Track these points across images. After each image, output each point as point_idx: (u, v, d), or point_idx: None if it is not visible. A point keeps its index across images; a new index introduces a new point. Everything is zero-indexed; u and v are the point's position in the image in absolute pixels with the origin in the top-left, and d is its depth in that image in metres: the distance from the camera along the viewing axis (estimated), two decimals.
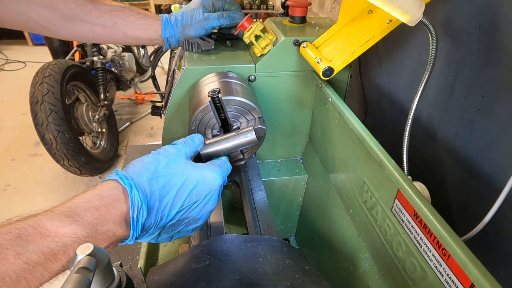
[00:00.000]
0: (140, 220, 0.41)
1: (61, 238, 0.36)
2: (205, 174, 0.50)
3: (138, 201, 0.41)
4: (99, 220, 0.39)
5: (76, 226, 0.37)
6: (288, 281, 0.47)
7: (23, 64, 4.10)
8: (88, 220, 0.38)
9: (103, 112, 2.32)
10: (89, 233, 0.38)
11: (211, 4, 0.80)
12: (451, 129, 0.72)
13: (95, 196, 0.41)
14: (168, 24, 0.79)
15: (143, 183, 0.43)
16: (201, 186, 0.48)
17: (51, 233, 0.36)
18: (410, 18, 0.56)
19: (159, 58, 1.13)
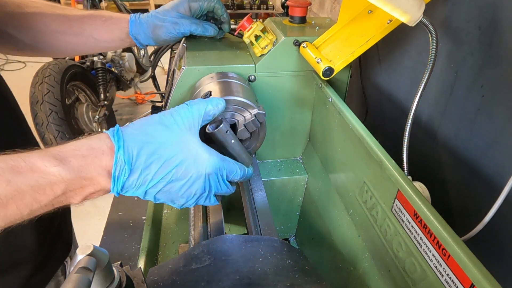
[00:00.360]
0: (121, 179, 0.43)
1: (48, 176, 0.40)
2: (198, 156, 0.48)
3: (122, 161, 0.43)
4: (84, 168, 0.42)
5: (61, 169, 0.40)
6: (288, 281, 0.47)
7: (23, 64, 4.10)
8: (74, 166, 0.41)
9: (103, 112, 2.33)
10: (74, 177, 0.41)
11: (187, 8, 0.78)
12: (451, 129, 0.72)
13: (85, 145, 0.43)
14: (135, 22, 0.78)
15: (132, 146, 0.44)
16: (189, 165, 0.47)
17: (40, 169, 0.39)
18: (410, 18, 0.56)
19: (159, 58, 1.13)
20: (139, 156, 0.44)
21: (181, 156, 0.47)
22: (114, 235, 1.99)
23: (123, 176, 0.43)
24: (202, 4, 0.79)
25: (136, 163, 0.44)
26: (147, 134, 0.46)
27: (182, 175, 0.47)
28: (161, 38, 0.79)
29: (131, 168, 0.44)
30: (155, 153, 0.45)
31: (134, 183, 0.45)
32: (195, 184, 0.48)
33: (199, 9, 0.79)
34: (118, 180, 0.43)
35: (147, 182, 0.45)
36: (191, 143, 0.48)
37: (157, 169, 0.45)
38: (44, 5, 0.73)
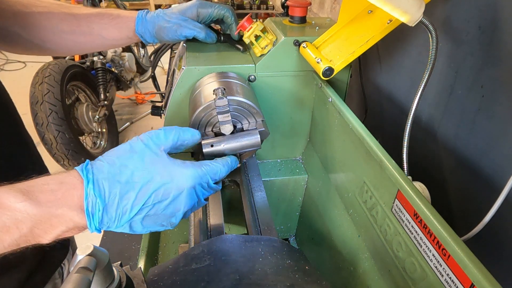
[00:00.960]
0: (97, 214, 0.41)
1: (13, 213, 0.37)
2: (175, 172, 0.47)
3: (92, 195, 0.41)
4: (53, 203, 0.39)
5: (28, 204, 0.38)
6: (288, 281, 0.47)
7: (23, 64, 4.10)
8: (41, 201, 0.39)
9: (103, 112, 2.32)
10: (42, 213, 0.38)
11: (195, 13, 0.79)
12: (451, 129, 0.72)
13: (55, 180, 0.41)
14: (142, 21, 0.78)
15: (102, 179, 0.42)
16: (167, 184, 0.45)
17: (5, 206, 0.37)
18: (410, 18, 0.56)
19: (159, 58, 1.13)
20: (112, 187, 0.42)
21: (158, 178, 0.45)
22: (114, 235, 1.98)
23: (97, 210, 0.41)
24: (212, 11, 0.80)
25: (110, 196, 0.42)
26: (117, 164, 0.44)
27: (163, 196, 0.45)
28: (164, 39, 0.80)
29: (105, 202, 0.42)
30: (129, 181, 0.43)
31: (113, 216, 0.42)
32: (179, 201, 0.47)
33: (208, 15, 0.80)
34: (94, 216, 0.41)
35: (128, 211, 0.43)
36: (164, 163, 0.47)
37: (135, 197, 0.43)
38: (52, 4, 0.73)
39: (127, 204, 0.43)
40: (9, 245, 0.38)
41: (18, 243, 0.38)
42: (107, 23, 0.77)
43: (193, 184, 0.47)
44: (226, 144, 0.63)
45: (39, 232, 0.39)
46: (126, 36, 0.80)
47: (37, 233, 0.39)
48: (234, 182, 0.80)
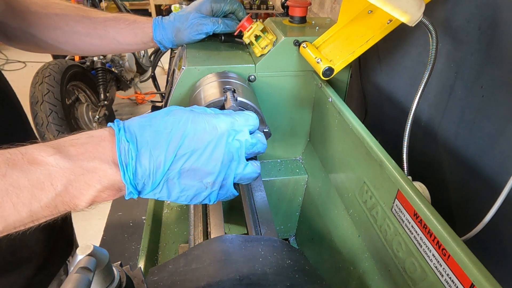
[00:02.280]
0: (130, 163, 0.39)
1: (46, 167, 0.36)
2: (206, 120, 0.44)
3: (124, 141, 0.39)
4: (85, 156, 0.38)
5: (59, 157, 0.37)
6: (288, 281, 0.47)
7: (23, 64, 4.10)
8: (72, 153, 0.38)
9: (103, 112, 2.33)
10: (74, 166, 0.37)
11: (209, 9, 0.80)
12: (451, 129, 0.72)
13: (85, 135, 0.40)
14: (159, 27, 0.79)
15: (133, 126, 0.41)
16: (199, 131, 0.43)
17: (37, 161, 0.36)
18: (410, 18, 0.56)
19: (159, 58, 1.13)
20: (143, 134, 0.41)
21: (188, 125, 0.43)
22: (114, 235, 1.99)
23: (130, 159, 0.39)
24: (224, 6, 0.80)
25: (142, 142, 0.40)
26: (148, 116, 0.43)
27: (197, 145, 0.42)
28: (184, 41, 0.81)
29: (137, 149, 0.39)
30: (160, 129, 0.41)
31: (147, 167, 0.40)
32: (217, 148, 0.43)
33: (220, 10, 0.81)
34: (128, 166, 0.39)
35: (162, 162, 0.40)
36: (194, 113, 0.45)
37: (168, 144, 0.41)
38: (68, 6, 0.74)
39: (160, 153, 0.40)
40: (46, 205, 0.36)
41: (56, 204, 0.37)
42: (123, 27, 0.78)
43: (226, 128, 0.44)
44: None
45: (74, 191, 0.37)
46: (141, 42, 0.81)
47: (72, 193, 0.37)
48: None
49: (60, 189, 0.37)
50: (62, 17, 0.73)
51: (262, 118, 0.66)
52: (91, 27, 0.76)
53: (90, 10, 0.77)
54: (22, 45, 0.73)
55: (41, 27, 0.71)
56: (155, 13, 4.74)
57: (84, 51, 0.81)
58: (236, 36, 0.87)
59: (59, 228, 0.72)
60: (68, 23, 0.73)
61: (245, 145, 0.45)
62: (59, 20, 0.73)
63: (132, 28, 0.78)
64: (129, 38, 0.79)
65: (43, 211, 0.37)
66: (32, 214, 0.36)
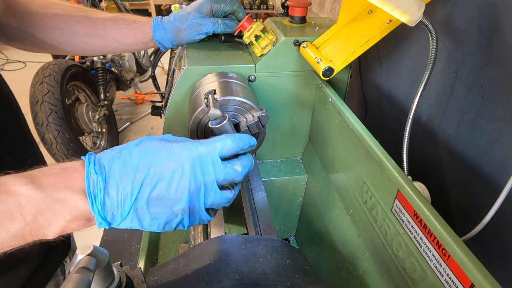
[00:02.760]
0: (98, 194, 0.40)
1: (17, 197, 0.37)
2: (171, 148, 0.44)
3: (93, 173, 0.40)
4: (56, 186, 0.39)
5: (31, 188, 0.37)
6: (288, 281, 0.47)
7: (23, 64, 4.10)
8: (44, 183, 0.38)
9: (103, 112, 2.33)
10: (44, 196, 0.38)
11: (209, 9, 0.80)
12: (451, 129, 0.72)
13: (59, 166, 0.41)
14: (159, 27, 0.79)
15: (104, 158, 0.42)
16: (164, 160, 0.43)
17: (9, 191, 0.37)
18: (410, 18, 0.56)
19: (159, 58, 1.13)
20: (111, 166, 0.41)
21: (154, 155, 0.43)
22: (114, 235, 1.98)
23: (99, 191, 0.40)
24: (224, 6, 0.81)
25: (110, 173, 0.41)
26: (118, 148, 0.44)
27: (163, 174, 0.43)
28: (184, 41, 0.81)
29: (105, 181, 0.40)
30: (127, 160, 0.42)
31: (115, 198, 0.41)
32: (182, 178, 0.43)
33: (220, 10, 0.81)
34: (96, 197, 0.40)
35: (129, 193, 0.41)
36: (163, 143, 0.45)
37: (134, 175, 0.41)
38: (69, 7, 0.74)
39: (127, 184, 0.41)
40: (13, 235, 0.37)
41: (23, 234, 0.38)
42: (123, 28, 0.78)
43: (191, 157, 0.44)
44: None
45: (43, 221, 0.38)
46: (140, 42, 0.81)
47: (41, 223, 0.38)
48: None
49: (30, 219, 0.37)
50: (62, 17, 0.73)
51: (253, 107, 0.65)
52: (91, 27, 0.76)
53: (90, 10, 0.77)
54: (22, 45, 0.73)
55: (41, 27, 0.71)
56: (155, 13, 4.74)
57: (84, 51, 0.81)
58: (236, 36, 0.87)
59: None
60: (68, 23, 0.74)
61: (214, 173, 0.45)
62: (59, 20, 0.73)
63: (132, 28, 0.79)
64: (129, 38, 0.79)
65: (10, 241, 0.37)
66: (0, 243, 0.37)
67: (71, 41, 0.76)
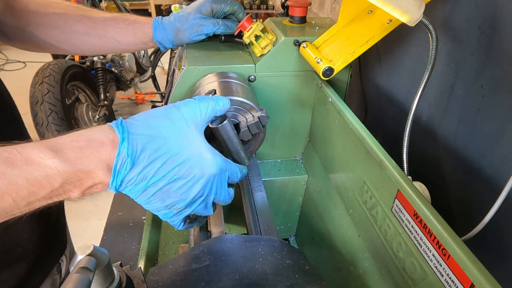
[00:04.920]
0: (122, 173, 0.41)
1: (44, 169, 0.38)
2: (203, 155, 0.46)
3: (125, 154, 0.41)
4: (82, 160, 0.40)
5: (57, 161, 0.38)
6: (288, 281, 0.47)
7: (23, 64, 4.11)
8: (70, 157, 0.39)
9: (103, 112, 2.33)
10: (70, 169, 0.39)
11: (209, 9, 0.80)
12: (451, 129, 0.72)
13: (84, 136, 0.42)
14: (159, 27, 0.79)
15: (136, 139, 0.42)
16: (193, 163, 0.45)
17: (35, 162, 0.38)
18: (410, 18, 0.56)
19: (159, 58, 1.13)
20: (144, 150, 0.42)
21: (186, 154, 0.45)
22: (114, 235, 1.98)
23: (124, 170, 0.41)
24: (224, 7, 0.81)
25: (140, 157, 0.42)
26: (152, 128, 0.44)
27: (185, 174, 0.45)
28: (184, 41, 0.81)
29: (133, 163, 0.42)
30: (160, 148, 0.43)
31: (134, 179, 0.42)
32: (196, 185, 0.46)
33: (220, 11, 0.81)
34: (119, 174, 0.41)
35: (148, 178, 0.43)
36: (196, 141, 0.47)
37: (160, 165, 0.43)
38: (68, 6, 0.74)
39: (151, 170, 0.43)
40: (43, 198, 0.39)
41: (51, 197, 0.40)
42: (123, 27, 0.78)
43: (215, 173, 0.47)
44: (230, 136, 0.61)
45: (69, 187, 0.40)
46: (140, 42, 0.81)
47: (67, 188, 0.40)
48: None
49: (57, 186, 0.39)
50: (62, 16, 0.73)
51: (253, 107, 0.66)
52: (91, 27, 0.76)
53: (90, 9, 0.77)
54: (22, 44, 0.73)
55: (41, 26, 0.71)
56: (155, 13, 4.74)
57: (83, 50, 0.81)
58: (236, 36, 0.87)
59: (52, 227, 0.72)
60: (67, 23, 0.73)
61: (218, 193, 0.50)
62: (59, 19, 0.73)
63: (132, 28, 0.79)
64: (128, 38, 0.79)
65: (39, 202, 0.40)
66: (29, 205, 0.39)
67: (70, 40, 0.76)
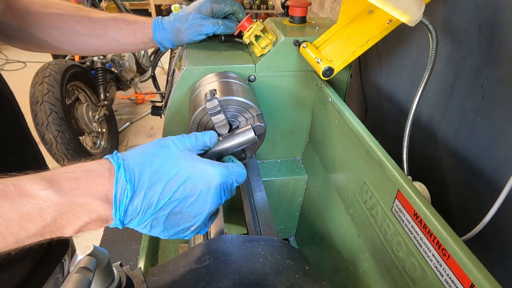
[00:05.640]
0: (124, 201, 0.40)
1: (37, 201, 0.36)
2: (204, 169, 0.46)
3: (123, 180, 0.40)
4: (77, 192, 0.38)
5: (51, 192, 0.37)
6: (288, 281, 0.47)
7: (23, 64, 4.10)
8: (65, 189, 0.38)
9: (103, 112, 2.33)
10: (64, 201, 0.37)
11: (209, 9, 0.80)
12: (451, 129, 0.72)
13: (80, 168, 0.40)
14: (159, 27, 0.79)
15: (133, 164, 0.41)
16: (196, 179, 0.44)
17: (29, 193, 0.36)
18: (410, 18, 0.56)
19: (159, 58, 1.13)
20: (142, 175, 0.41)
21: (187, 172, 0.44)
22: (114, 235, 1.98)
23: (125, 198, 0.39)
24: (224, 7, 0.81)
25: (140, 182, 0.41)
26: (147, 154, 0.44)
27: (191, 192, 0.44)
28: (184, 41, 0.81)
29: (134, 189, 0.40)
30: (159, 170, 0.42)
31: (138, 207, 0.41)
32: (206, 198, 0.46)
33: (220, 11, 0.81)
34: (121, 204, 0.39)
35: (154, 203, 0.42)
36: (193, 159, 0.47)
37: (163, 187, 0.42)
38: (69, 6, 0.75)
39: (154, 195, 0.42)
40: (33, 234, 0.37)
41: (43, 233, 0.38)
42: (123, 28, 0.78)
43: (221, 181, 0.47)
44: (222, 145, 0.63)
45: (63, 222, 0.38)
46: (140, 42, 0.81)
47: (60, 223, 0.38)
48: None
49: (49, 221, 0.37)
50: (62, 16, 0.73)
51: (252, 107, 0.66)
52: (91, 27, 0.76)
53: (90, 10, 0.77)
54: (22, 45, 0.74)
55: (41, 27, 0.71)
56: (155, 13, 4.74)
57: (83, 51, 0.81)
58: (236, 36, 0.87)
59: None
60: (67, 23, 0.74)
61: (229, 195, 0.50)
62: (59, 19, 0.73)
63: (132, 28, 0.79)
64: (129, 38, 0.79)
65: (29, 239, 0.38)
66: (18, 242, 0.37)
67: (70, 40, 0.76)
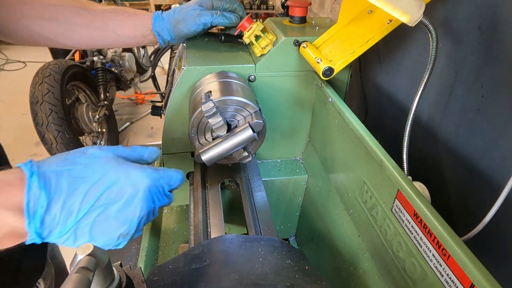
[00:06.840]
0: (39, 211, 0.36)
1: None
2: (131, 172, 0.42)
3: (35, 188, 0.36)
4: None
5: None
6: (288, 281, 0.47)
7: (23, 64, 4.10)
8: None
9: (103, 112, 2.32)
10: None
11: (209, 4, 0.79)
12: (451, 129, 0.72)
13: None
14: (158, 18, 0.78)
15: (49, 172, 0.38)
16: (123, 183, 0.41)
17: None
18: (410, 18, 0.56)
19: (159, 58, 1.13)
20: (60, 181, 0.37)
21: (113, 176, 0.40)
22: None
23: (40, 207, 0.36)
24: (225, 3, 0.80)
25: (57, 190, 0.37)
26: (67, 160, 0.40)
27: (117, 196, 0.40)
28: (182, 32, 0.79)
29: (50, 197, 0.36)
30: (80, 176, 0.39)
31: (57, 216, 0.37)
32: (135, 203, 0.42)
33: (221, 7, 0.81)
34: (35, 214, 0.35)
35: (75, 211, 0.38)
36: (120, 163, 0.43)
37: (85, 193, 0.38)
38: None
39: (75, 202, 0.38)
40: None
41: None
42: (123, 19, 0.76)
43: (150, 184, 0.43)
44: (221, 146, 0.63)
45: None
46: (140, 34, 0.79)
47: None
48: (234, 182, 0.80)
49: None
50: (59, 8, 0.70)
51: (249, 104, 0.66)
52: (89, 19, 0.73)
53: (88, 2, 0.75)
54: (15, 38, 0.70)
55: (36, 19, 0.68)
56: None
57: (81, 44, 0.77)
58: (236, 36, 0.87)
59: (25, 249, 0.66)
60: (64, 15, 0.71)
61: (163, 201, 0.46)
62: (55, 11, 0.70)
63: (132, 20, 0.77)
64: (128, 30, 0.77)
65: None
66: None
67: (67, 33, 0.73)
